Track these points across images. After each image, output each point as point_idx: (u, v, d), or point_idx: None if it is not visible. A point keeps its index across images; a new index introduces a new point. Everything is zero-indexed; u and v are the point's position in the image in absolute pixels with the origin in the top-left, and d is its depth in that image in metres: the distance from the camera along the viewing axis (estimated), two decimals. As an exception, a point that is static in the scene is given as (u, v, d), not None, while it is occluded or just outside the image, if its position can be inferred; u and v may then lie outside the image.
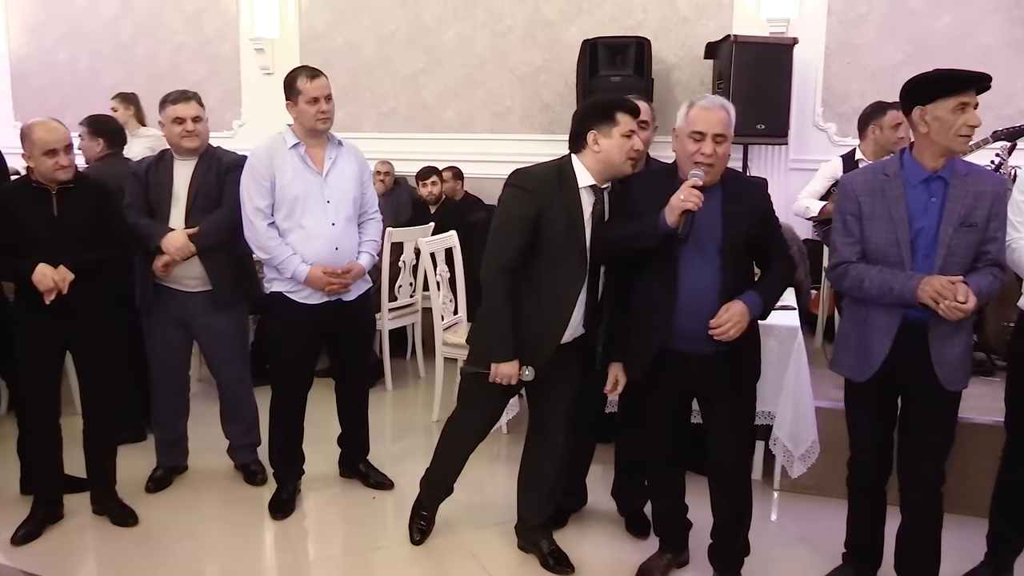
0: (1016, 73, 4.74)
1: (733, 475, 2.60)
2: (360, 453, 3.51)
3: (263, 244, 3.10)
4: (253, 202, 3.08)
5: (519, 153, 5.27)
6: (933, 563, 2.57)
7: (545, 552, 2.89)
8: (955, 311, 2.28)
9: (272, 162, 3.08)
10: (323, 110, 3.09)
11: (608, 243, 2.59)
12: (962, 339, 2.43)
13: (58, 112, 6.31)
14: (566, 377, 2.77)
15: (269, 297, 3.20)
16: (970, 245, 2.36)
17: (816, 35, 5.10)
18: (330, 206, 3.13)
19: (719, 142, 2.39)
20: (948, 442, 2.52)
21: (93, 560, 3.01)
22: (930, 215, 2.38)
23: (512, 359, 2.65)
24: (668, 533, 2.84)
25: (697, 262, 2.43)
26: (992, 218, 2.37)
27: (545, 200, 2.59)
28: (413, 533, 3.06)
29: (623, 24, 5.42)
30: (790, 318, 3.38)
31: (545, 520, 2.94)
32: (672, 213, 2.35)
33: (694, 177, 2.37)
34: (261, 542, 3.14)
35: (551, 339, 2.67)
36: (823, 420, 3.34)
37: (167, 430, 3.48)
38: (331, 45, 6.11)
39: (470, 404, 2.91)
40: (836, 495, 2.91)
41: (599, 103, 2.71)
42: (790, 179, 5.07)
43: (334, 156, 3.18)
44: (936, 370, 2.41)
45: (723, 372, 2.50)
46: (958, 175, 2.37)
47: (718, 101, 2.44)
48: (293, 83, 3.10)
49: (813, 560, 2.90)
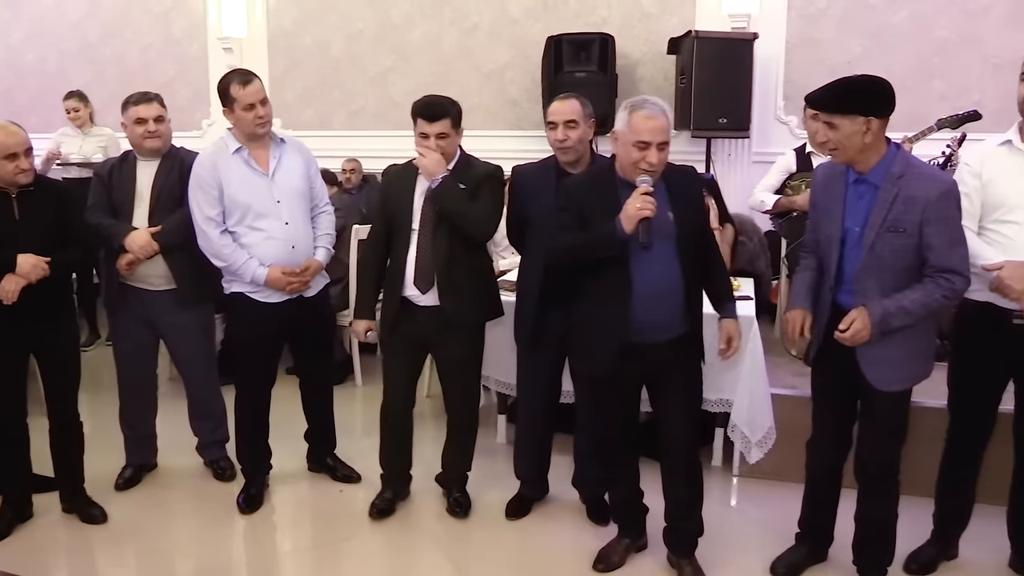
0: (970, 66, 4.86)
1: (685, 457, 2.67)
2: (327, 447, 3.56)
3: (218, 252, 3.11)
4: (203, 211, 3.10)
5: (487, 149, 5.24)
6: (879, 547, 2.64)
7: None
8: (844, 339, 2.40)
9: (216, 169, 3.10)
10: (260, 115, 3.10)
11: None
12: (898, 341, 2.41)
13: (26, 112, 6.37)
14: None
15: (229, 297, 3.23)
16: (901, 250, 2.36)
17: (777, 30, 5.19)
18: (281, 205, 3.15)
19: (662, 149, 2.46)
20: (891, 437, 2.54)
21: (63, 558, 3.03)
22: (857, 217, 2.43)
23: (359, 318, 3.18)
24: (625, 519, 2.91)
25: (650, 257, 2.49)
26: (926, 223, 2.32)
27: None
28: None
29: (587, 21, 5.48)
30: (746, 308, 3.46)
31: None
32: (630, 222, 2.41)
33: (644, 184, 2.44)
34: (230, 536, 3.18)
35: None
36: (780, 407, 3.43)
37: (135, 428, 3.50)
38: (299, 44, 6.13)
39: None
40: (793, 480, 2.99)
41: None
42: (753, 171, 5.14)
43: (278, 155, 3.20)
44: (863, 368, 2.45)
45: (676, 356, 2.58)
46: (891, 178, 2.36)
47: (658, 108, 2.48)
48: (227, 90, 3.10)
49: (769, 541, 2.97)
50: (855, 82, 2.41)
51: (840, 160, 2.44)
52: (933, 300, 2.36)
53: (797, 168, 4.13)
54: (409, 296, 3.02)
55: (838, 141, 2.39)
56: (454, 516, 3.21)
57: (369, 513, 3.22)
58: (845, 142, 2.37)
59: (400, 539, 3.11)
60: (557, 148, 2.95)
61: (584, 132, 2.95)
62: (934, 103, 4.66)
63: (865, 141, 2.35)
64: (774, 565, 2.83)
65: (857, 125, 2.33)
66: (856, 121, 2.33)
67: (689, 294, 2.56)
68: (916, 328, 2.43)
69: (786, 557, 2.84)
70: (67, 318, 3.12)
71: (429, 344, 3.13)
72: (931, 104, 4.62)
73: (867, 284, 2.42)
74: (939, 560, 2.86)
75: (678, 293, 2.52)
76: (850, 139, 2.36)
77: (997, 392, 2.68)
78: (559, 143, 2.93)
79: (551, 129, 2.94)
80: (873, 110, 2.33)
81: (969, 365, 2.66)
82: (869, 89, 2.38)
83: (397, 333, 3.08)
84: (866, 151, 2.38)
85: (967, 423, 2.73)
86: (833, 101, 2.38)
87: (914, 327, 2.42)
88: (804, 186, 4.00)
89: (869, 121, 2.33)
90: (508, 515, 3.21)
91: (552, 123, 2.93)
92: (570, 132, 2.90)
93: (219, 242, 3.10)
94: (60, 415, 3.12)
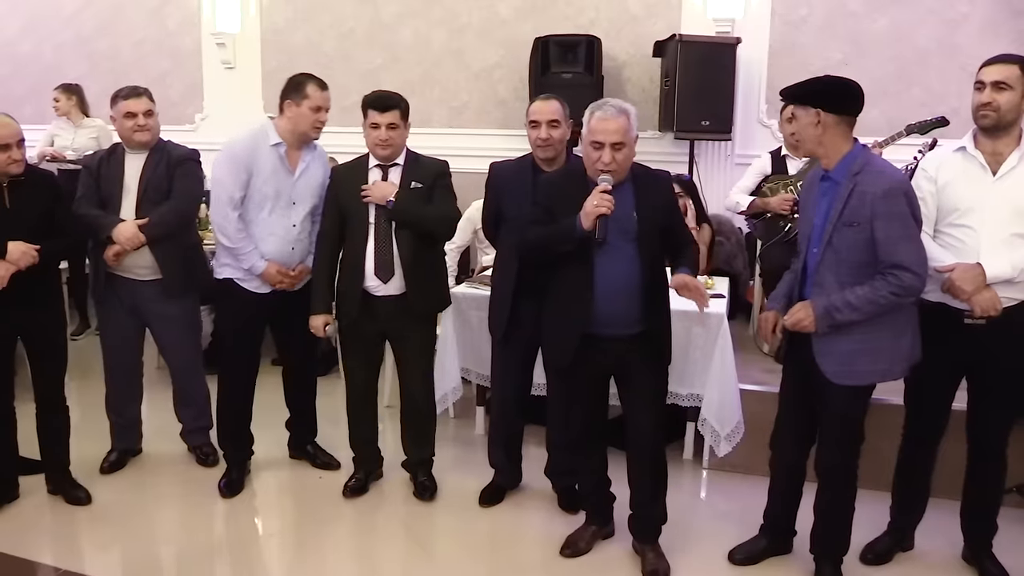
0: (948, 73, 4.94)
1: (650, 446, 2.75)
2: (308, 435, 3.66)
3: (229, 233, 3.19)
4: (227, 190, 3.17)
5: (475, 147, 5.44)
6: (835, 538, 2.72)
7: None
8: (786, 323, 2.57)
9: (254, 156, 3.18)
10: (322, 120, 3.23)
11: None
12: (855, 336, 2.48)
13: (21, 103, 6.43)
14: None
15: (219, 283, 3.32)
16: (858, 244, 2.44)
17: (760, 35, 5.27)
18: (295, 207, 3.26)
19: (617, 149, 2.55)
20: (844, 433, 2.60)
21: (48, 537, 3.11)
22: (820, 212, 2.55)
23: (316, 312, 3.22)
24: (593, 506, 3.00)
25: (613, 255, 2.59)
26: (875, 218, 2.40)
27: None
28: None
29: (576, 22, 5.56)
30: (717, 306, 3.56)
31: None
32: (587, 218, 2.51)
33: (603, 182, 2.54)
34: (211, 519, 3.27)
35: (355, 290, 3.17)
36: (749, 402, 3.53)
37: (121, 414, 3.58)
38: (291, 40, 6.21)
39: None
40: (761, 473, 3.06)
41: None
42: (735, 173, 5.21)
43: (308, 160, 3.29)
44: (818, 360, 2.54)
45: (641, 351, 2.67)
46: (850, 174, 2.47)
47: (615, 109, 2.56)
48: (302, 86, 3.19)
49: (734, 531, 3.05)
50: (819, 78, 2.61)
51: (802, 153, 2.61)
52: (880, 296, 2.42)
53: (772, 170, 4.22)
54: (368, 287, 3.13)
55: (798, 131, 2.69)
56: (421, 499, 3.32)
57: (343, 493, 3.34)
58: (802, 132, 2.61)
59: (373, 523, 3.22)
60: (538, 146, 3.04)
61: (564, 132, 3.04)
62: (914, 109, 4.73)
63: (816, 132, 2.50)
64: (732, 553, 2.92)
65: (810, 116, 2.51)
66: (808, 112, 2.51)
67: (649, 292, 2.65)
68: (877, 324, 2.48)
69: (746, 546, 2.93)
70: (54, 305, 3.21)
71: (388, 334, 3.24)
72: (910, 110, 4.68)
73: (826, 277, 2.51)
74: (895, 551, 2.95)
75: (637, 290, 2.62)
76: (805, 130, 2.56)
77: (950, 390, 2.77)
78: (541, 141, 3.01)
79: (533, 128, 3.02)
80: (824, 103, 2.48)
81: (924, 363, 2.75)
82: (828, 85, 2.55)
83: (356, 328, 3.19)
84: (823, 145, 2.51)
85: (922, 419, 2.82)
86: (793, 93, 2.59)
87: (873, 322, 2.47)
88: (779, 188, 4.10)
89: (819, 113, 2.48)
90: (481, 502, 3.31)
91: (535, 122, 3.02)
92: (552, 131, 3.00)
93: (234, 224, 3.18)
94: (47, 399, 3.21)
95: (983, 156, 2.61)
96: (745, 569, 2.89)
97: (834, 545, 2.75)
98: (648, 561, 2.83)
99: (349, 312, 3.18)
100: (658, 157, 5.04)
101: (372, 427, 3.40)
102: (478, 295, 3.68)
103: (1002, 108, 2.56)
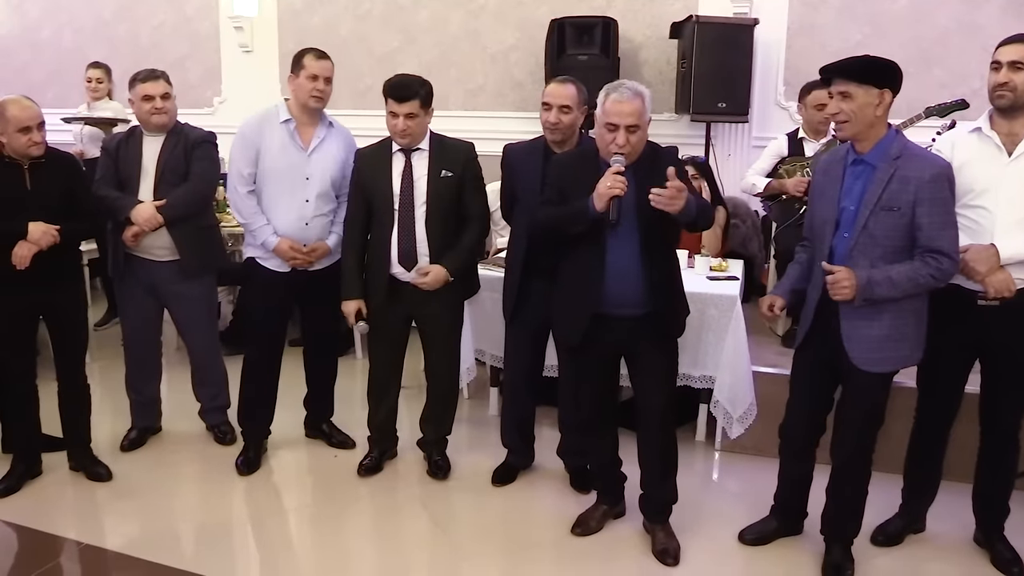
0: (968, 54, 4.87)
1: (658, 428, 2.76)
2: (324, 414, 3.70)
3: (241, 208, 3.27)
4: (238, 167, 3.25)
5: (491, 130, 5.43)
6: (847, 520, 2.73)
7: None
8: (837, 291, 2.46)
9: (261, 133, 3.24)
10: (319, 88, 3.23)
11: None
12: (885, 322, 2.48)
13: (41, 89, 6.51)
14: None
15: (245, 263, 3.39)
16: (893, 229, 2.42)
17: (778, 16, 5.21)
18: (309, 183, 3.27)
19: (632, 131, 2.53)
20: (867, 420, 2.60)
21: (70, 512, 3.18)
22: (854, 197, 2.50)
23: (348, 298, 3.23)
24: (604, 486, 3.03)
25: (622, 234, 2.60)
26: (918, 203, 2.38)
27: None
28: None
29: (592, 4, 5.52)
30: (730, 288, 3.56)
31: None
32: (600, 200, 2.51)
33: (616, 163, 2.53)
34: (228, 495, 3.33)
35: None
36: (762, 384, 3.53)
37: (140, 392, 3.65)
38: (308, 23, 6.22)
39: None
40: (773, 455, 3.04)
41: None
42: (752, 156, 5.18)
43: (323, 135, 3.31)
44: (846, 347, 2.52)
45: (651, 330, 2.68)
46: (888, 158, 2.44)
47: (630, 91, 2.54)
48: (300, 58, 3.25)
49: (745, 512, 3.07)
50: (874, 57, 2.50)
51: (847, 134, 2.48)
52: (920, 276, 2.41)
53: (789, 152, 4.20)
54: (395, 273, 3.15)
55: (850, 112, 2.43)
56: (434, 478, 3.36)
57: (358, 471, 3.39)
58: (858, 113, 2.42)
59: (387, 501, 3.26)
60: (548, 129, 3.05)
61: (575, 117, 3.03)
62: (934, 90, 4.67)
63: (876, 114, 2.42)
64: (743, 533, 2.94)
65: (871, 96, 2.41)
66: (871, 92, 2.41)
67: (652, 273, 2.63)
68: (904, 310, 2.49)
69: (756, 527, 2.95)
70: (75, 285, 3.28)
71: (415, 316, 3.25)
72: (931, 91, 4.63)
73: (859, 262, 2.46)
74: (906, 533, 2.96)
75: (639, 271, 2.61)
76: (863, 110, 2.42)
77: (963, 372, 2.76)
78: (551, 125, 3.02)
79: (545, 110, 3.02)
80: (889, 83, 2.43)
81: (936, 345, 2.74)
82: (888, 64, 2.47)
83: (384, 312, 3.21)
84: (875, 126, 2.45)
85: (934, 401, 2.82)
86: (853, 69, 2.45)
87: (901, 308, 2.47)
88: (796, 170, 4.08)
89: (883, 93, 2.42)
90: (494, 482, 3.34)
91: (547, 104, 3.02)
92: (563, 116, 2.99)
93: (246, 199, 3.25)
94: (68, 377, 3.27)
95: (999, 137, 2.59)
96: (755, 550, 2.91)
97: (846, 528, 2.76)
98: (658, 540, 2.85)
99: (376, 296, 3.20)
100: (674, 139, 5.00)
101: (392, 409, 3.42)
102: (492, 276, 3.70)
103: (1019, 88, 2.53)
